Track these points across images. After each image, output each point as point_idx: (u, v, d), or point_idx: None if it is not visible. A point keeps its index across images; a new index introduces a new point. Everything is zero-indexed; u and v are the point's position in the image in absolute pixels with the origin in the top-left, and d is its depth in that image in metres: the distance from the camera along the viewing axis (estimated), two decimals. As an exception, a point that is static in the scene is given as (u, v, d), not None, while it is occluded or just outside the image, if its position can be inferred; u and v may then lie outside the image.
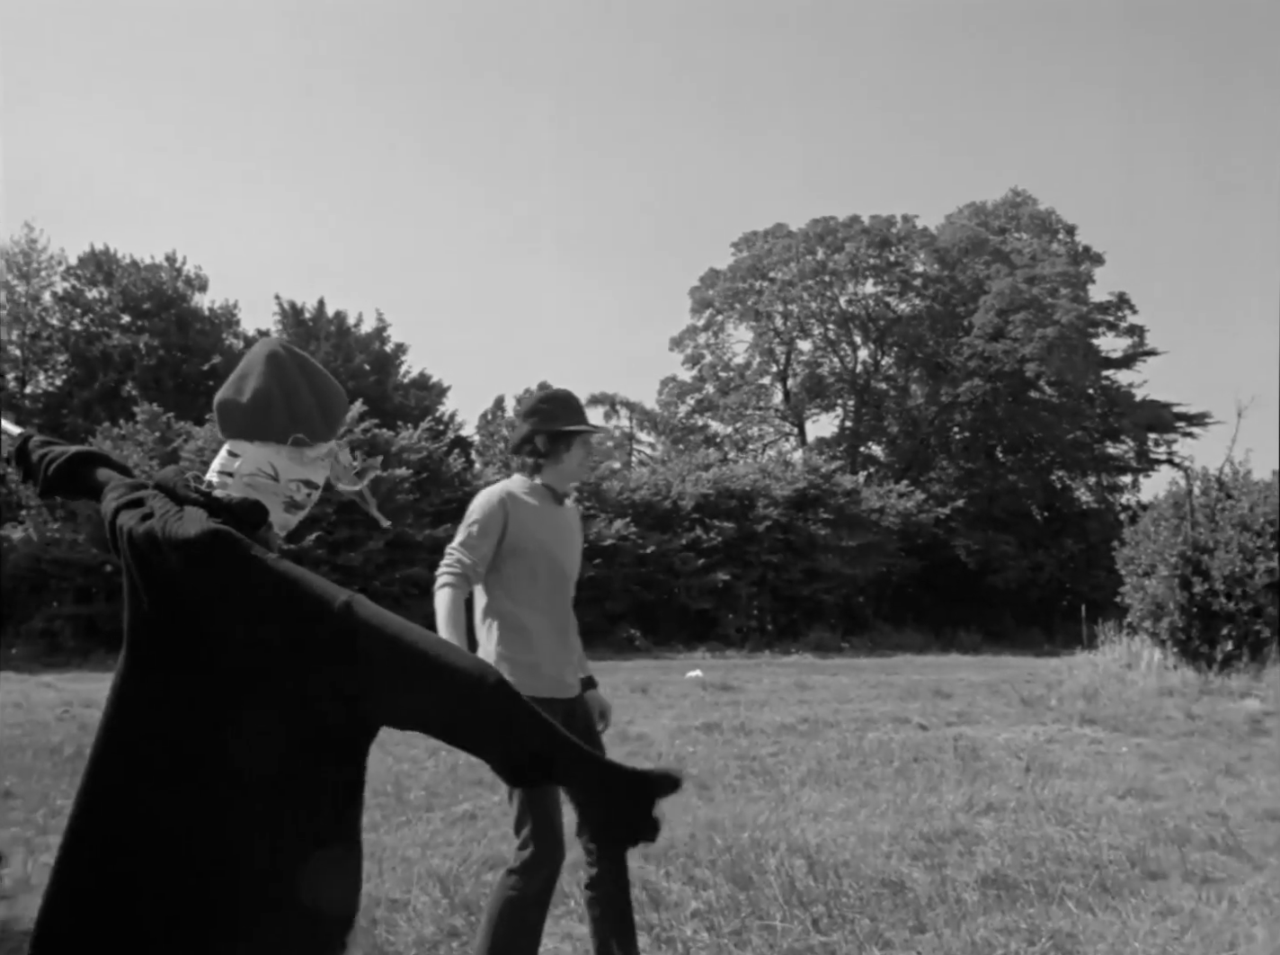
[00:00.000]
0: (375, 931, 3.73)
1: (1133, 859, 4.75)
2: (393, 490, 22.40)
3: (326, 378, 1.75)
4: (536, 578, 3.16)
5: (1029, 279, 37.03)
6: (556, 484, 3.31)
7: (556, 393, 3.39)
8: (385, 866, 4.72)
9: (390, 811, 6.07)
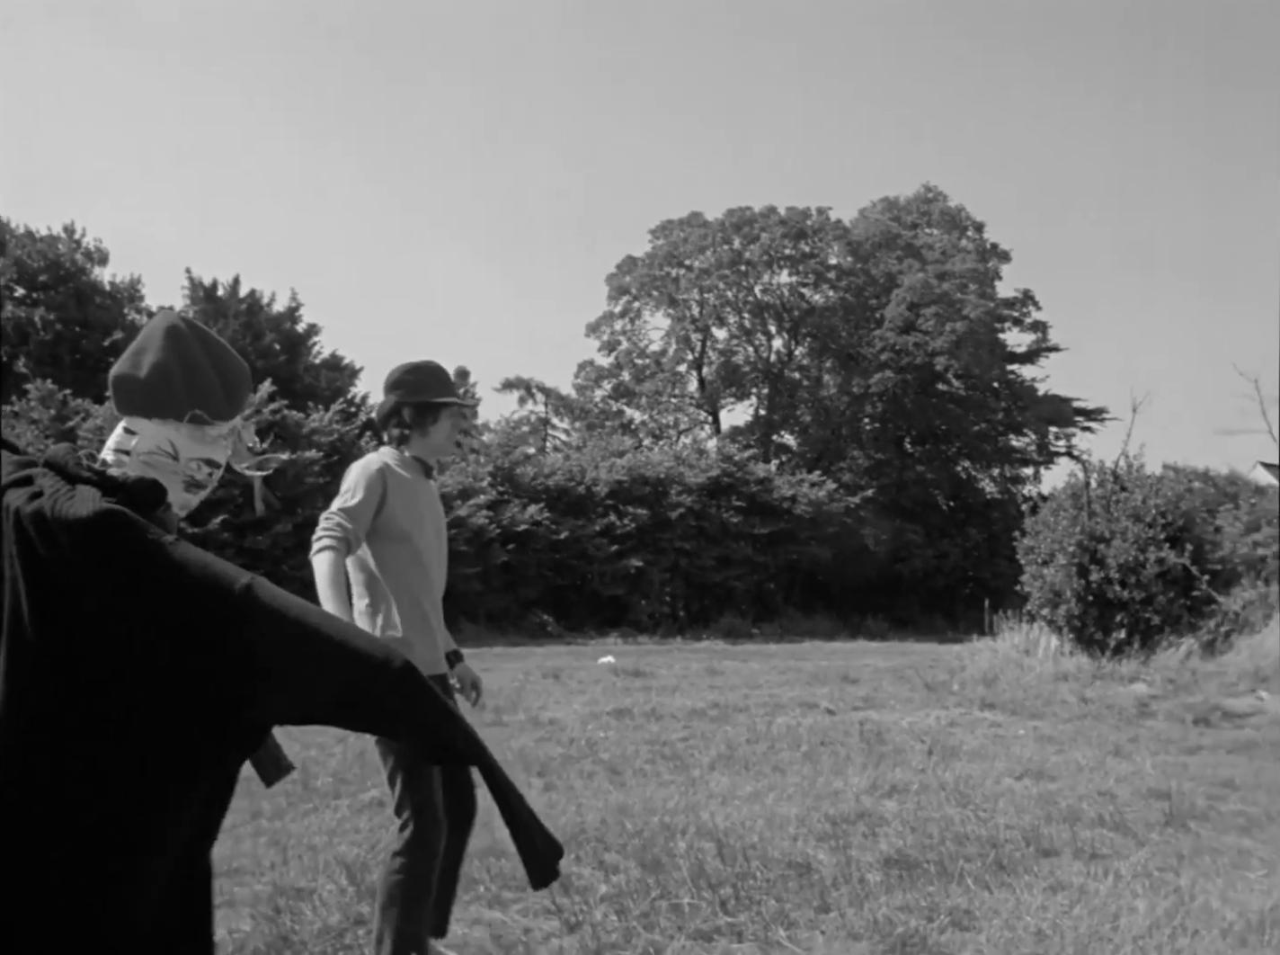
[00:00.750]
0: (279, 920, 3.66)
1: (1027, 837, 4.91)
2: (302, 473, 21.95)
3: (229, 353, 1.70)
4: (411, 551, 3.12)
5: (939, 274, 37.85)
6: (425, 456, 3.27)
7: (422, 364, 3.29)
8: (290, 855, 4.64)
9: (296, 799, 5.96)
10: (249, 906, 3.88)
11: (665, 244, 41.54)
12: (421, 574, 3.14)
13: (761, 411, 41.57)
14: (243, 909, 3.85)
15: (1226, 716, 9.22)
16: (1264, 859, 4.61)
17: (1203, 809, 5.65)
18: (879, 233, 40.58)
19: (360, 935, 3.57)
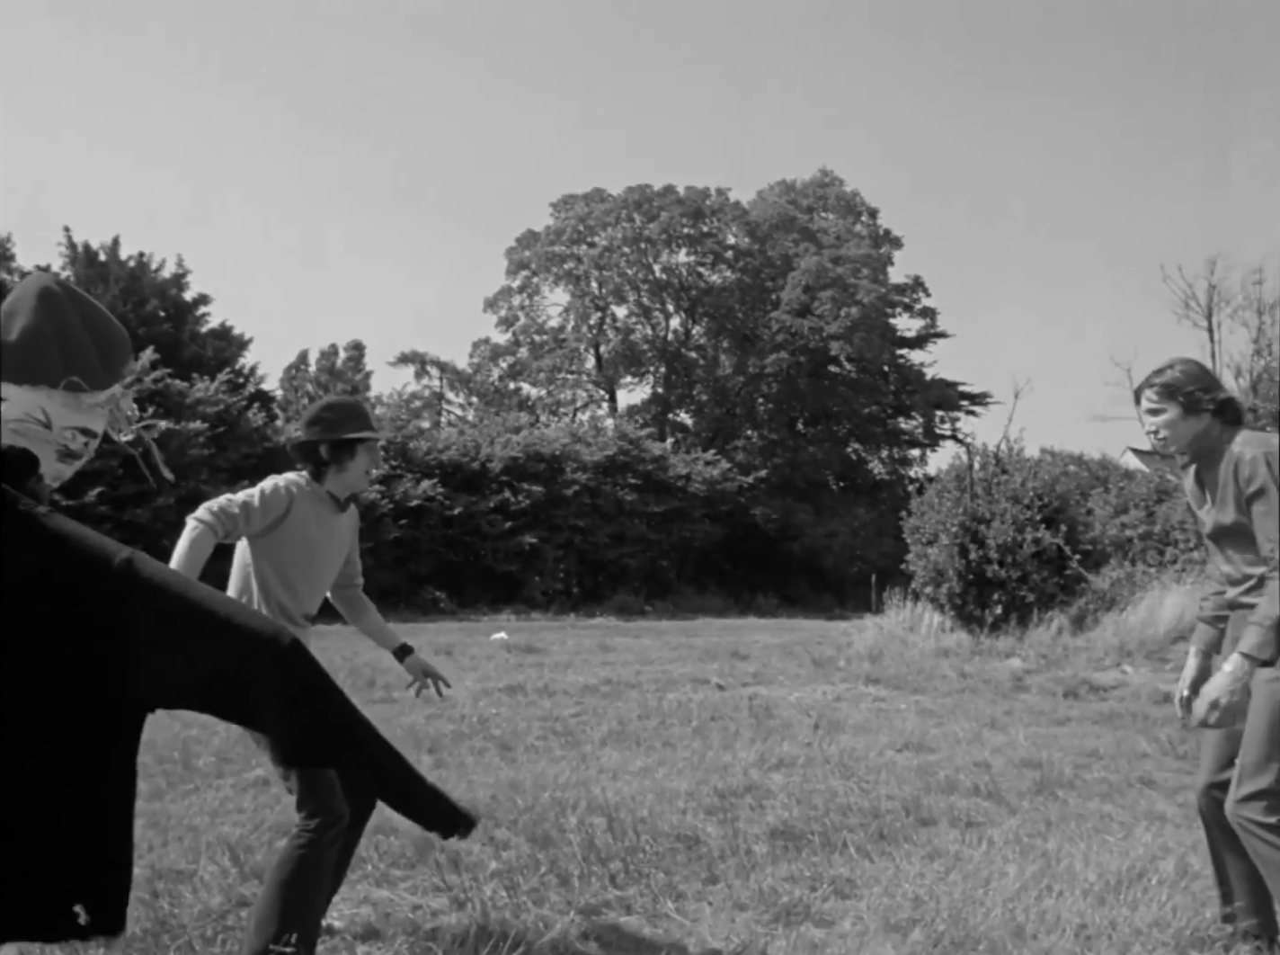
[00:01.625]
0: (157, 904, 3.57)
1: (907, 807, 5.08)
2: (186, 444, 21.23)
3: (107, 318, 1.62)
4: (298, 569, 3.25)
5: (834, 259, 38.48)
6: (339, 491, 3.34)
7: (339, 401, 3.42)
8: (170, 836, 4.52)
9: (176, 779, 5.80)
10: (125, 890, 3.76)
11: (566, 219, 41.26)
12: (291, 591, 3.24)
13: (658, 390, 41.76)
14: (119, 893, 3.73)
15: (1093, 690, 9.67)
16: (1123, 823, 4.86)
17: (1069, 777, 5.93)
18: (776, 215, 41.02)
19: (243, 916, 3.50)
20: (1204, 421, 3.04)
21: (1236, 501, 2.96)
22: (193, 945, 3.20)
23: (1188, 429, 3.05)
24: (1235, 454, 2.96)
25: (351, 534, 3.51)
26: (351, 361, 44.30)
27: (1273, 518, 2.86)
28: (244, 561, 3.27)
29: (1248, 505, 2.92)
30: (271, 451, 23.57)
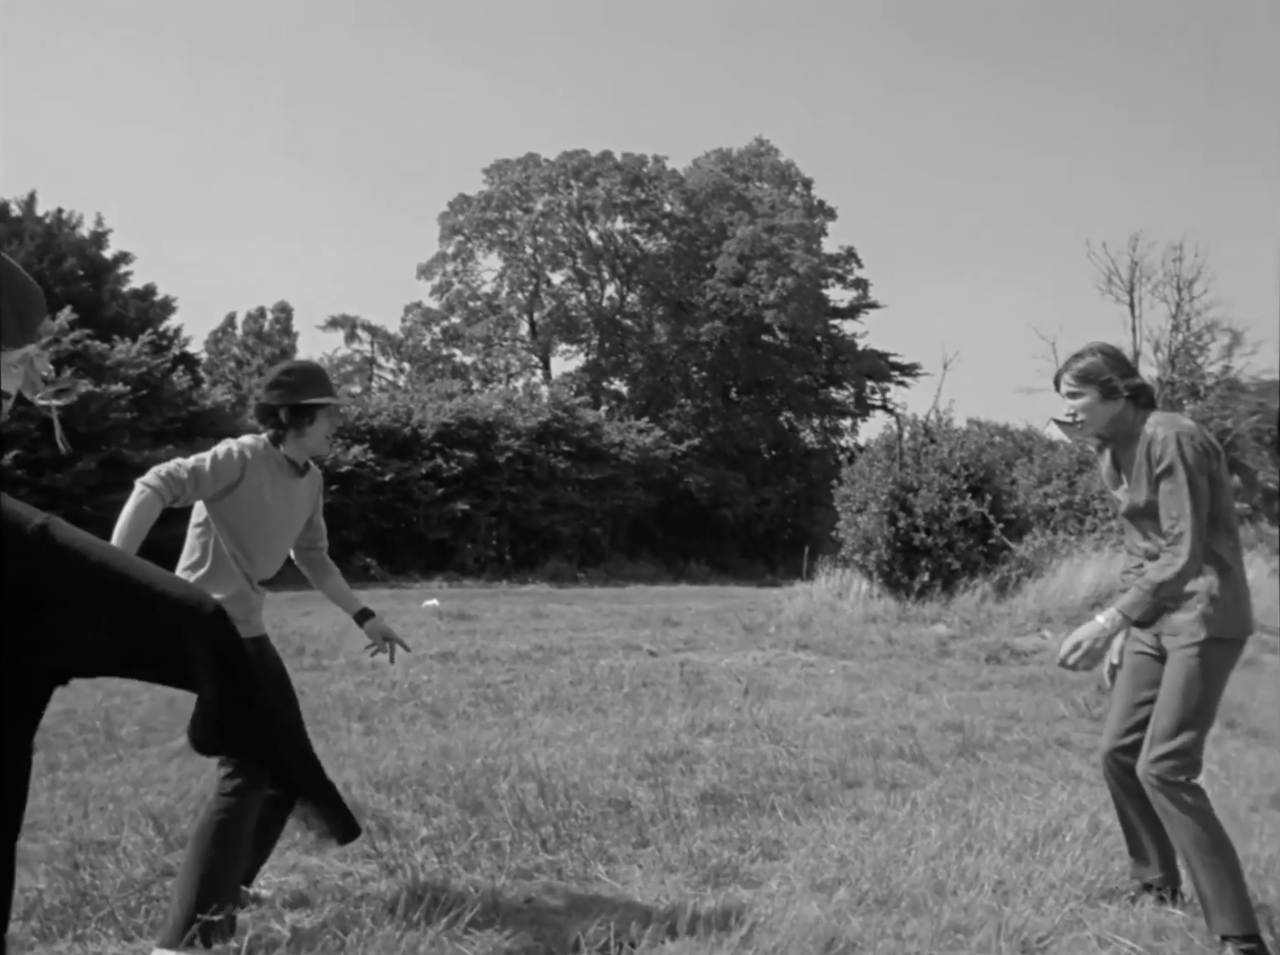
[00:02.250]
0: (78, 876, 3.51)
1: (834, 770, 5.18)
2: (107, 407, 20.63)
3: (21, 275, 1.56)
4: (253, 536, 3.23)
5: (769, 228, 38.58)
6: (297, 456, 3.33)
7: (299, 365, 3.41)
8: (92, 807, 4.44)
9: (98, 749, 5.70)
10: (44, 863, 3.69)
11: (500, 184, 40.73)
12: (246, 555, 3.23)
13: (593, 357, 41.61)
14: (37, 866, 3.66)
15: (1014, 654, 9.93)
16: (1040, 783, 5.02)
17: (990, 740, 6.09)
18: (712, 183, 40.95)
19: (168, 887, 3.46)
20: (1120, 405, 3.15)
21: (1149, 480, 3.06)
22: (115, 916, 3.16)
23: (1105, 412, 3.16)
24: (1149, 435, 3.06)
25: (313, 498, 3.50)
26: (279, 324, 43.34)
27: (1177, 496, 2.97)
28: (200, 526, 3.25)
29: (1157, 483, 3.03)
30: (196, 415, 23.02)
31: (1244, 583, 3.09)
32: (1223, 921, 2.90)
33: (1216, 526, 3.04)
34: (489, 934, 3.06)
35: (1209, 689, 3.02)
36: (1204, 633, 3.00)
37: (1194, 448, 2.99)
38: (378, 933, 2.92)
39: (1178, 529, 2.97)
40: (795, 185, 42.84)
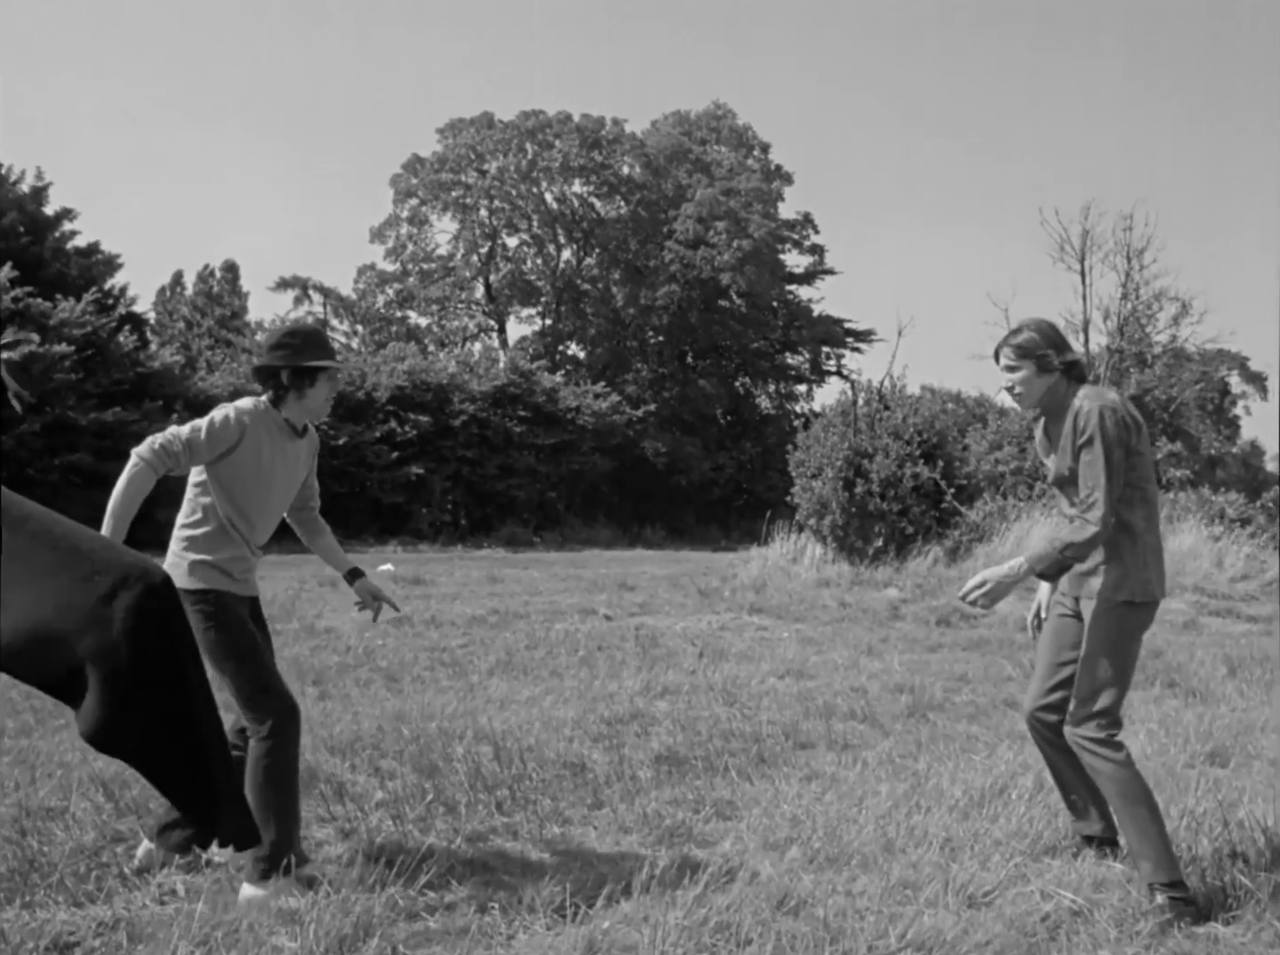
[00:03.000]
0: (25, 843, 3.47)
1: (787, 732, 5.25)
2: (51, 368, 20.15)
3: None
4: (251, 499, 3.25)
5: (726, 192, 38.42)
6: (296, 418, 3.34)
7: (302, 327, 3.43)
8: (39, 774, 4.38)
9: (45, 715, 5.61)
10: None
11: (455, 145, 40.12)
12: (243, 517, 3.25)
13: (548, 321, 41.34)
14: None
15: (964, 618, 10.10)
16: (987, 742, 5.12)
17: (940, 701, 6.21)
18: (670, 146, 40.66)
19: (119, 852, 3.44)
20: (1054, 378, 3.29)
21: (1073, 450, 3.20)
22: (64, 882, 3.13)
23: (1040, 385, 3.30)
24: (1076, 407, 3.20)
25: (310, 459, 3.51)
26: (226, 283, 42.49)
27: (1094, 466, 3.12)
28: (198, 485, 3.25)
29: (1078, 453, 3.18)
30: (145, 377, 22.58)
31: (1156, 551, 3.23)
32: (1148, 869, 3.04)
33: (1132, 497, 3.19)
34: (445, 896, 3.08)
35: (1124, 650, 3.18)
36: (1116, 596, 3.16)
37: (1115, 421, 3.14)
38: (333, 895, 2.92)
39: (1092, 497, 3.11)
40: (753, 149, 42.67)
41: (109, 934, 2.79)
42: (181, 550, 3.23)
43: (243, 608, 3.25)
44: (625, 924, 2.85)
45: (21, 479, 18.90)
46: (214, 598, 3.15)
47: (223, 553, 3.20)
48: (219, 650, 3.12)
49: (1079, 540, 3.11)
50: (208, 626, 3.11)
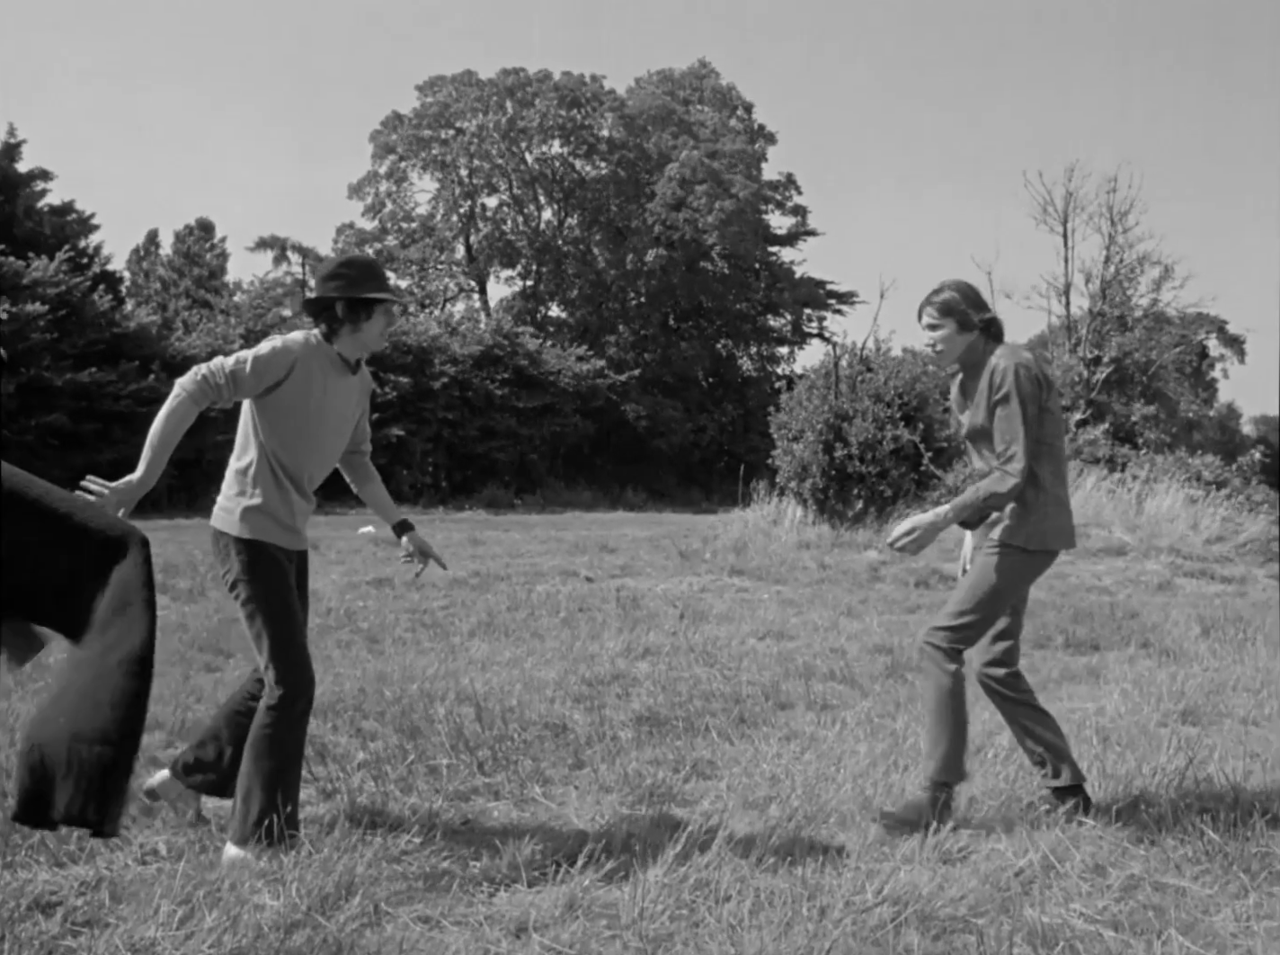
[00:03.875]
0: (4, 804, 3.47)
1: (767, 693, 5.29)
2: (25, 328, 19.90)
3: None
4: (302, 438, 3.15)
5: (710, 153, 38.11)
6: (350, 352, 3.25)
7: (358, 258, 3.36)
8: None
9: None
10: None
11: (434, 102, 39.57)
12: (294, 458, 3.15)
13: (529, 282, 41.04)
14: (-35, 793, 3.61)
15: (942, 579, 10.17)
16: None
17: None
18: (653, 106, 40.24)
19: (101, 813, 3.44)
20: (974, 337, 3.44)
21: (988, 406, 3.35)
22: (45, 842, 3.14)
23: (961, 343, 3.44)
24: (992, 365, 3.35)
25: (363, 397, 3.43)
26: (202, 242, 41.92)
27: (1010, 421, 3.29)
28: (248, 424, 3.16)
29: (994, 409, 3.34)
30: (121, 337, 22.33)
31: (1059, 504, 3.42)
32: (932, 767, 3.35)
33: (1040, 452, 3.35)
34: (427, 855, 3.10)
35: (1000, 586, 3.37)
36: (1011, 540, 3.37)
37: (1029, 378, 3.30)
38: (315, 856, 2.94)
39: (1010, 450, 3.28)
40: (736, 109, 42.30)
41: (91, 893, 2.80)
42: (234, 494, 3.14)
43: (289, 564, 3.17)
44: (606, 882, 2.88)
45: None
46: (260, 549, 3.09)
47: (273, 497, 3.11)
48: (253, 602, 3.07)
49: (1000, 490, 3.28)
50: (249, 577, 3.07)
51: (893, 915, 2.65)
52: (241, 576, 3.08)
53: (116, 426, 20.82)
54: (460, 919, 2.70)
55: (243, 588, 3.08)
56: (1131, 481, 14.62)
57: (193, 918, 2.59)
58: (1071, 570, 11.19)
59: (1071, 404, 22.43)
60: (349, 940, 2.52)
